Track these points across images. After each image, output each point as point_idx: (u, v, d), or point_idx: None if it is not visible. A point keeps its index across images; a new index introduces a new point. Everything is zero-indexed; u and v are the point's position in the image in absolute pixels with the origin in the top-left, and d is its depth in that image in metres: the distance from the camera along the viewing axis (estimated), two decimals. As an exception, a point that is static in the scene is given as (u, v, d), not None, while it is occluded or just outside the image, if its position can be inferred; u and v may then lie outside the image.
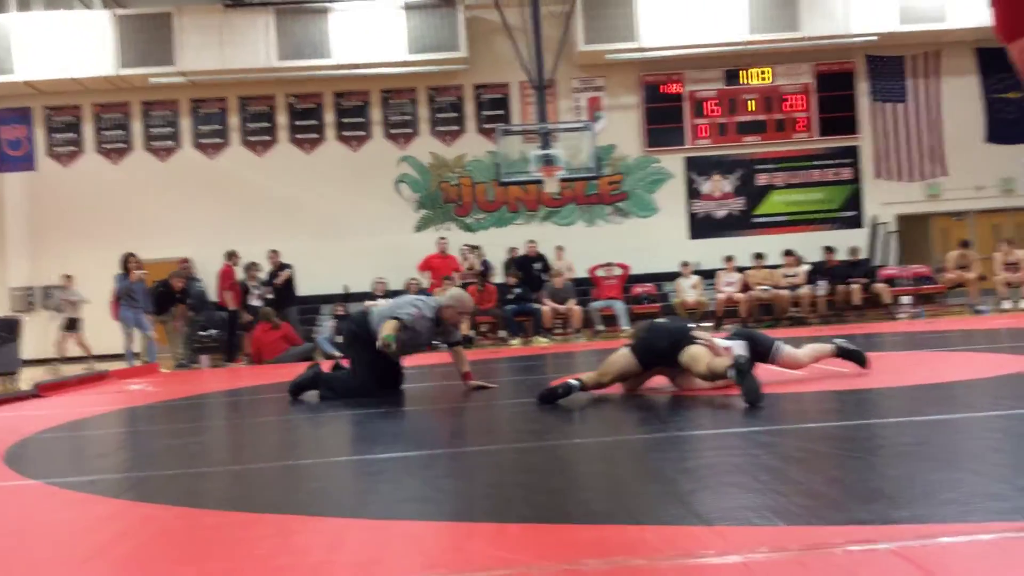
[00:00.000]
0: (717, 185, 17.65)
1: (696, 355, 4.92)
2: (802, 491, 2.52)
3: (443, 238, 15.35)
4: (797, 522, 2.19)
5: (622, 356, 5.18)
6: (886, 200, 17.57)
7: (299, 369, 7.28)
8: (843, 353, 5.54)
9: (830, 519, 2.21)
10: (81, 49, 16.04)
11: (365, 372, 6.25)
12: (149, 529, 2.66)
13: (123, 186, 16.94)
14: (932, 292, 14.54)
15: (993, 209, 17.89)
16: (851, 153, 17.66)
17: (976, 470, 2.69)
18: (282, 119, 17.29)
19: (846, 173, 17.68)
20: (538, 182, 14.78)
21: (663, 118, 17.55)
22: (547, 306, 13.87)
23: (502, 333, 13.84)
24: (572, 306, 13.95)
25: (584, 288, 14.90)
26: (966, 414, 3.88)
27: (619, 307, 14.10)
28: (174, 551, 2.40)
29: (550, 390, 5.09)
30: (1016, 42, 1.78)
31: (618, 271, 14.60)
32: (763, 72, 17.53)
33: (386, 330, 5.90)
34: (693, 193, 17.67)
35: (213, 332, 13.46)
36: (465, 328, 12.55)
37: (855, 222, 17.59)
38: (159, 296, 13.00)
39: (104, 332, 13.93)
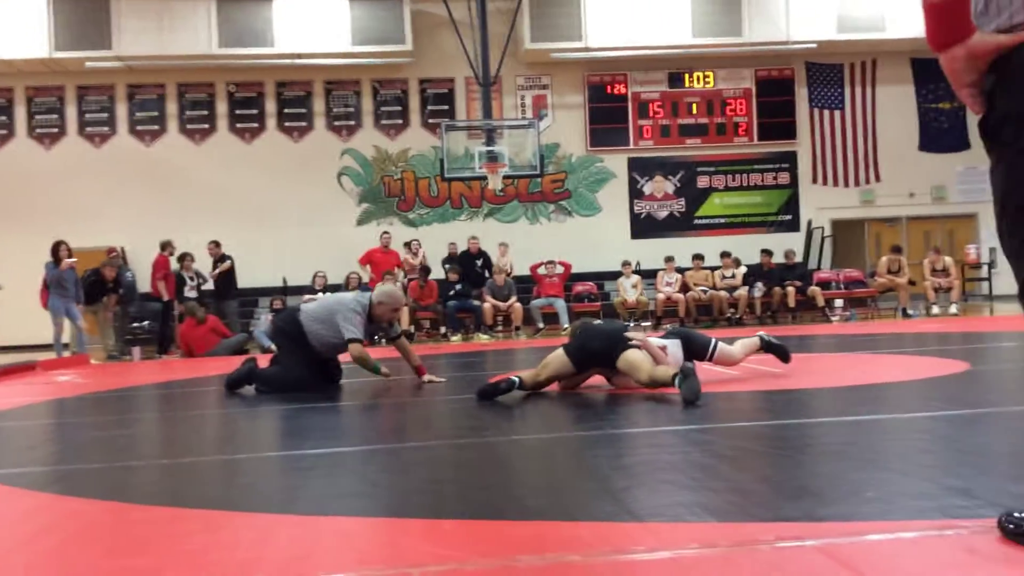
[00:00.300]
0: (659, 186, 17.84)
1: (635, 362, 4.98)
2: (733, 488, 2.56)
3: (386, 233, 15.22)
4: (727, 519, 2.22)
5: (557, 357, 5.22)
6: (822, 205, 17.94)
7: (234, 362, 7.18)
8: (767, 346, 5.65)
9: (759, 516, 2.25)
10: (15, 30, 15.55)
11: (297, 366, 6.21)
12: (75, 523, 2.59)
13: (55, 172, 16.46)
14: (864, 296, 14.89)
15: (925, 216, 18.39)
16: (789, 158, 17.99)
17: (901, 470, 2.76)
18: (222, 107, 16.99)
19: (784, 178, 18.00)
20: (482, 178, 14.77)
21: (607, 118, 17.67)
22: (488, 303, 13.87)
23: (443, 329, 13.80)
24: (513, 303, 13.97)
25: (526, 286, 14.94)
26: (894, 415, 3.97)
27: (560, 305, 14.16)
28: (100, 546, 2.34)
29: (491, 385, 5.09)
30: (947, 51, 1.82)
31: (560, 269, 14.64)
32: (706, 75, 17.76)
33: (358, 354, 6.14)
34: (635, 193, 17.83)
35: (146, 324, 13.18)
36: (404, 323, 12.49)
37: (792, 226, 17.92)
38: (90, 286, 12.66)
39: (33, 321, 13.54)
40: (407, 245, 15.20)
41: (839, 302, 14.37)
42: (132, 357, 12.51)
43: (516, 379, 5.10)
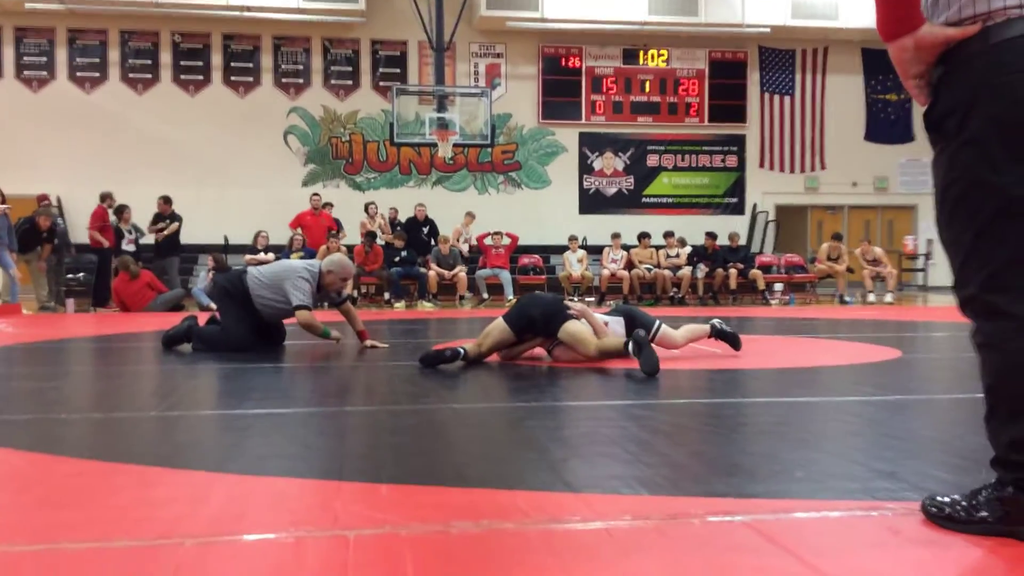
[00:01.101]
0: (609, 162, 17.90)
1: (577, 334, 5.03)
2: (667, 463, 2.59)
3: (316, 195, 14.90)
4: (660, 492, 2.25)
5: (497, 326, 5.26)
6: (767, 189, 18.19)
7: (170, 319, 7.06)
8: (718, 333, 5.68)
9: (691, 491, 2.29)
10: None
11: (238, 327, 6.14)
12: (0, 473, 2.53)
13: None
14: (803, 281, 15.18)
15: (866, 205, 18.77)
16: (738, 141, 18.19)
17: (831, 451, 2.83)
18: (166, 57, 16.56)
19: (732, 160, 18.20)
20: (432, 145, 14.66)
21: (561, 91, 17.64)
22: (433, 271, 13.82)
23: (386, 295, 13.72)
24: (458, 273, 13.94)
25: (471, 256, 14.91)
26: (826, 398, 4.06)
27: (505, 277, 14.17)
28: (26, 497, 2.29)
29: (436, 353, 5.09)
30: (896, 41, 1.84)
31: (506, 241, 14.64)
32: (661, 54, 17.82)
33: (306, 321, 6.11)
34: (585, 168, 17.87)
35: (80, 276, 12.85)
36: (348, 288, 12.38)
37: (737, 209, 18.16)
38: (24, 234, 12.29)
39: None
40: (366, 208, 15.00)
41: (779, 286, 14.62)
42: (66, 309, 12.21)
43: (461, 350, 5.10)
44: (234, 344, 6.06)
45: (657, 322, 5.59)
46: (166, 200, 13.66)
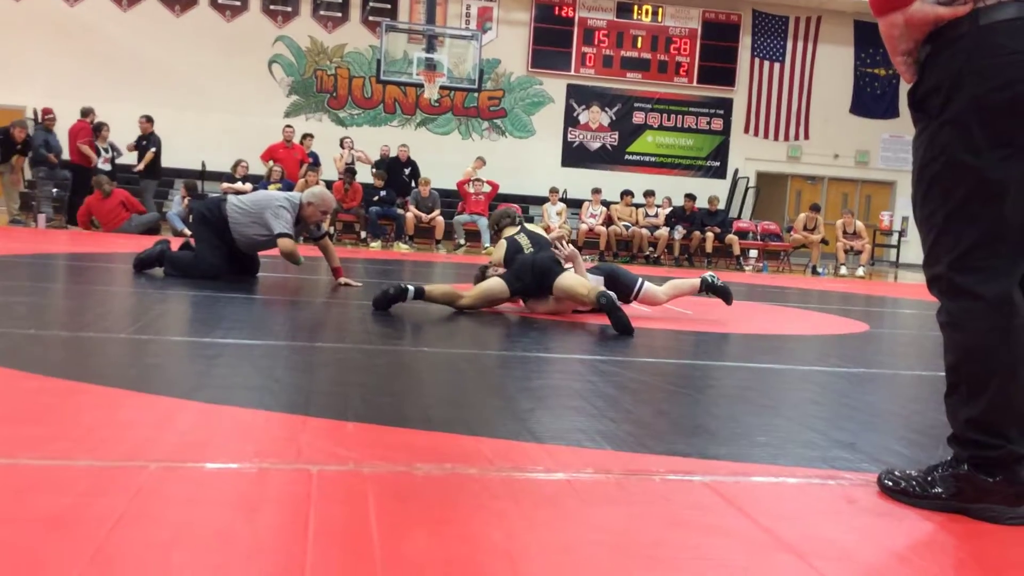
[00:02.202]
0: (595, 116, 17.80)
1: (572, 288, 5.06)
2: (632, 420, 2.62)
3: (289, 126, 14.63)
4: (623, 448, 2.28)
5: (496, 285, 5.21)
6: (750, 155, 18.20)
7: (143, 241, 6.98)
8: (709, 287, 5.63)
9: (653, 448, 2.32)
10: None
11: (212, 255, 6.09)
12: (-39, 387, 2.51)
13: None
14: (778, 249, 15.28)
15: (846, 178, 18.84)
16: (725, 105, 18.13)
17: (793, 418, 2.87)
18: (152, -26, 16.14)
19: (717, 124, 18.16)
20: (418, 86, 14.48)
21: (552, 40, 17.45)
22: (411, 213, 13.75)
23: (363, 234, 13.65)
24: (436, 216, 13.88)
25: (451, 200, 14.82)
26: (792, 366, 4.12)
27: (483, 223, 14.12)
28: (-13, 413, 2.27)
29: (382, 292, 4.96)
30: (887, 16, 1.84)
31: (487, 188, 14.55)
32: (656, 9, 17.63)
33: (288, 249, 6.05)
34: (571, 121, 17.76)
35: (55, 191, 12.65)
36: (326, 223, 12.29)
37: (719, 173, 18.17)
38: (-3, 145, 12.08)
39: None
40: (341, 143, 14.81)
41: (754, 252, 14.71)
42: (37, 224, 12.04)
43: (409, 287, 4.97)
44: (207, 271, 6.01)
45: (640, 280, 5.61)
46: (148, 119, 13.41)
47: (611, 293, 5.16)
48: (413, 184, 14.42)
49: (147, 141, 13.22)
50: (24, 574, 1.30)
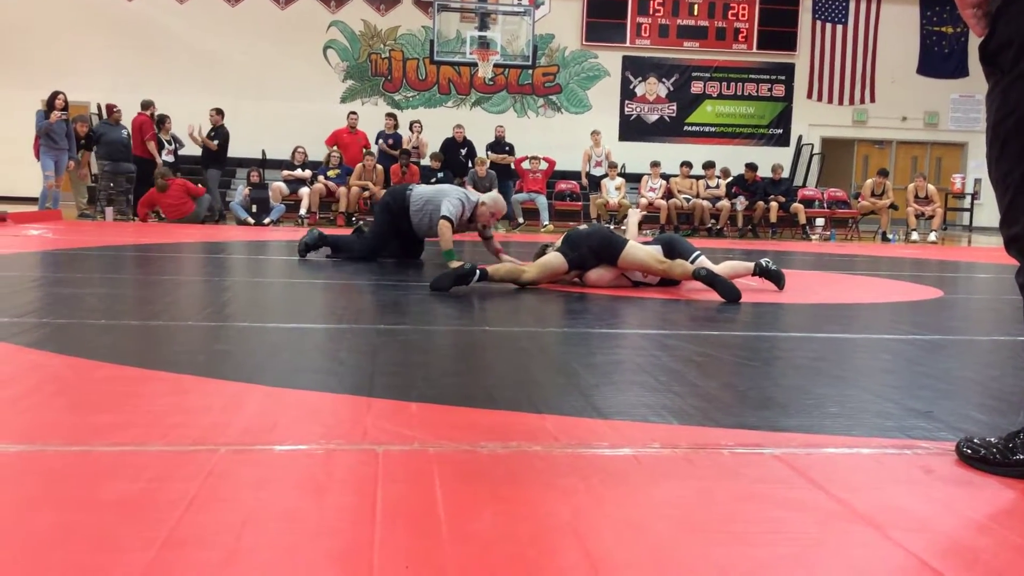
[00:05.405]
0: (652, 88, 17.57)
1: (642, 259, 5.19)
2: (698, 393, 2.58)
3: (353, 113, 14.77)
4: (690, 422, 2.24)
5: (555, 259, 5.29)
6: (814, 121, 17.80)
7: (206, 231, 7.12)
8: (763, 272, 5.54)
9: (721, 422, 2.27)
10: None
11: (376, 240, 6.82)
12: (36, 376, 2.57)
13: (29, 20, 15.90)
14: (846, 216, 14.94)
15: (915, 141, 18.31)
16: (786, 70, 17.73)
17: (866, 388, 2.80)
18: (208, -33, 16.36)
19: (779, 90, 17.78)
20: (472, 65, 14.45)
21: (606, 12, 17.24)
22: (469, 193, 13.73)
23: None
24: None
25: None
26: (863, 335, 4.01)
27: (542, 202, 14.08)
28: (61, 399, 2.33)
29: (444, 274, 4.97)
30: (955, -33, 1.76)
31: (544, 165, 14.49)
32: (711, -23, 17.29)
33: (444, 229, 6.35)
34: (627, 94, 17.57)
35: (125, 184, 12.93)
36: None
37: (782, 140, 17.80)
38: (64, 141, 12.37)
39: (10, 172, 13.30)
40: (410, 126, 14.86)
41: (820, 221, 14.40)
42: (105, 217, 12.35)
43: (476, 271, 4.95)
44: (376, 252, 6.76)
45: (697, 252, 5.53)
46: (219, 112, 13.61)
47: (708, 264, 5.19)
48: (470, 164, 14.41)
49: (216, 133, 13.40)
50: (100, 558, 1.33)
